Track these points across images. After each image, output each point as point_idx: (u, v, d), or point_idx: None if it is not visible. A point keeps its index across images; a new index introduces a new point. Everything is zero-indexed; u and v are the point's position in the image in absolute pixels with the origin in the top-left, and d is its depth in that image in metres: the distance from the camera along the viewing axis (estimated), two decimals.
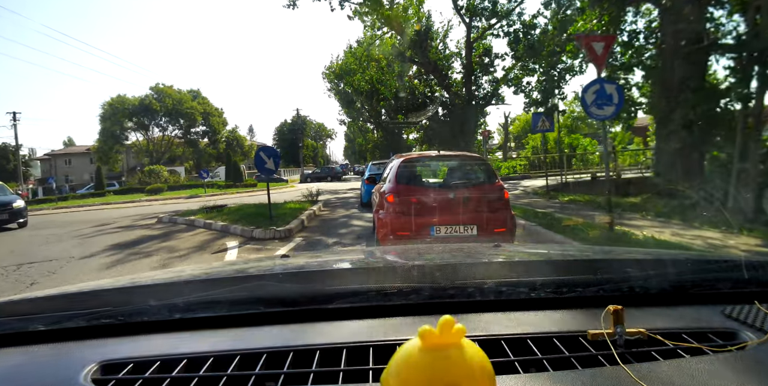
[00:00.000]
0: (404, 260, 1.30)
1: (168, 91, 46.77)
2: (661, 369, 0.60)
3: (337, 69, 36.39)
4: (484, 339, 0.69)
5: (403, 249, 1.68)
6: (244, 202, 13.98)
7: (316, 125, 74.78)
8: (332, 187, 24.63)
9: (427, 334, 0.44)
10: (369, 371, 0.63)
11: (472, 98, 21.30)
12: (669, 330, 0.70)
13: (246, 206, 11.98)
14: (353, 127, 53.47)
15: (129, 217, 13.40)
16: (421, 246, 2.11)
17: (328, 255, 1.79)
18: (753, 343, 0.66)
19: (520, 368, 0.62)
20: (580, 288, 0.83)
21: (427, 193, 4.53)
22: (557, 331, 0.72)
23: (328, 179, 38.08)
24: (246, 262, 1.92)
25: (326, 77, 48.34)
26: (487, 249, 1.39)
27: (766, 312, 0.76)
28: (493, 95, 21.59)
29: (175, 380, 0.64)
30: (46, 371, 0.68)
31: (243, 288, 0.91)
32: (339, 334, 0.74)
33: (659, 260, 1.14)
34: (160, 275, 1.20)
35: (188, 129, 49.52)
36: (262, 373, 0.64)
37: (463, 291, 0.83)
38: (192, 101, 48.12)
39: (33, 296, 0.96)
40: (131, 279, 1.17)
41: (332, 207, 12.64)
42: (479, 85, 21.69)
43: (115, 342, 0.76)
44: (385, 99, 24.38)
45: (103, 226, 11.23)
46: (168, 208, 15.79)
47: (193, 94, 49.98)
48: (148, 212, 14.67)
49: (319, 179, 38.08)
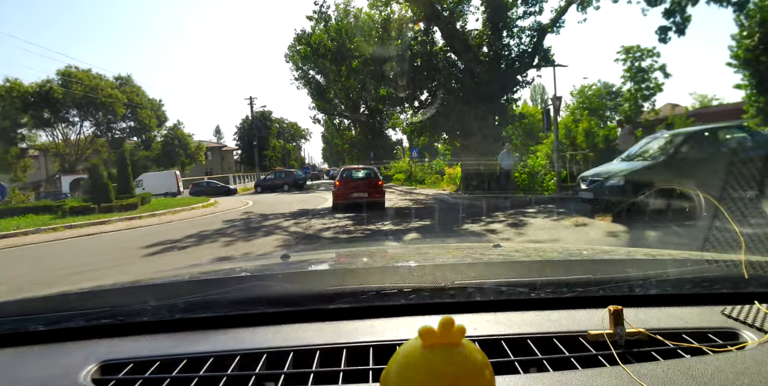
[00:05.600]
0: (404, 260, 1.29)
1: (80, 75, 36.26)
2: (661, 369, 0.59)
3: (303, 49, 26.76)
4: (484, 339, 0.69)
5: (403, 249, 1.68)
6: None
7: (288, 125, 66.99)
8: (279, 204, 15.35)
9: (427, 334, 0.44)
10: (369, 371, 0.63)
11: (500, 58, 12.26)
12: (669, 330, 0.70)
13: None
14: (329, 126, 46.16)
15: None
16: (421, 246, 2.12)
17: (328, 255, 1.81)
18: (753, 343, 0.66)
19: (520, 368, 0.62)
20: (580, 288, 0.83)
21: (350, 181, 12.15)
22: (557, 331, 0.71)
23: (285, 187, 28.40)
24: (246, 262, 1.92)
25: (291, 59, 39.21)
26: (487, 249, 1.39)
27: (766, 311, 0.76)
28: (535, 52, 12.55)
29: (175, 380, 0.63)
30: (46, 371, 0.68)
31: (243, 288, 0.92)
32: (339, 334, 0.74)
33: (659, 260, 1.12)
34: (160, 275, 1.24)
35: (109, 125, 39.13)
36: (262, 373, 0.63)
37: (463, 291, 0.83)
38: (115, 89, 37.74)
39: (33, 296, 0.99)
40: (131, 279, 1.19)
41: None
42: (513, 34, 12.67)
43: (115, 342, 0.76)
44: (367, 69, 14.87)
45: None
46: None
47: (120, 82, 39.69)
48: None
49: (274, 187, 28.49)
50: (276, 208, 14.02)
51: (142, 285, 1.08)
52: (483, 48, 13.39)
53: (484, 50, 13.36)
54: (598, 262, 1.15)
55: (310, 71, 40.40)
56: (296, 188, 28.94)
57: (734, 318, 0.75)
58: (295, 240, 7.31)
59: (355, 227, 8.44)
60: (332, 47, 17.59)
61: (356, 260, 1.40)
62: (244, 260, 2.97)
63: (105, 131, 39.49)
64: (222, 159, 57.74)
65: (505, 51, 13.20)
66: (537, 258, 1.26)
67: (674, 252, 1.28)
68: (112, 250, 7.52)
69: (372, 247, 2.11)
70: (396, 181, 26.72)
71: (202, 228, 9.60)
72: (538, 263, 1.17)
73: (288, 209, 13.10)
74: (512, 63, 13.02)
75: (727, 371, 0.59)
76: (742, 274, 0.85)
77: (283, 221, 10.10)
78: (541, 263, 1.16)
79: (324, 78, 35.99)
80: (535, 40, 13.01)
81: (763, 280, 0.87)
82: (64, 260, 6.86)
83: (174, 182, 30.43)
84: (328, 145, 64.73)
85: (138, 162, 42.50)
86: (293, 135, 67.26)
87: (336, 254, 1.71)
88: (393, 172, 28.79)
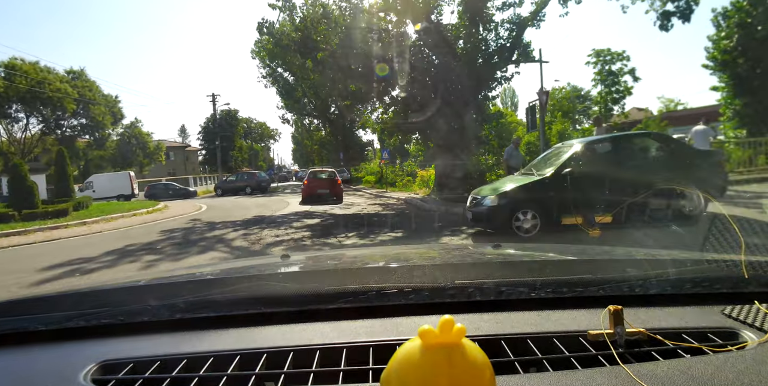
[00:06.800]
0: (405, 260, 1.28)
1: (25, 68, 33.33)
2: (661, 369, 0.59)
3: (266, 39, 25.18)
4: (484, 339, 0.69)
5: (403, 249, 1.66)
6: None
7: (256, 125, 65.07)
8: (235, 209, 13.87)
9: (427, 334, 0.44)
10: (369, 371, 0.63)
11: (477, 52, 11.41)
12: (669, 330, 0.70)
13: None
14: (299, 126, 44.88)
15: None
16: (421, 246, 2.12)
17: (328, 255, 1.77)
18: (753, 343, 0.66)
19: (520, 368, 0.62)
20: (580, 288, 0.83)
21: (315, 180, 16.30)
22: (557, 331, 0.71)
23: (248, 190, 26.63)
24: (246, 262, 1.92)
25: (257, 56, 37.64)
26: (487, 249, 1.38)
27: (766, 311, 0.76)
28: (514, 47, 11.69)
29: (175, 380, 0.63)
30: (46, 371, 0.68)
31: (243, 288, 0.92)
32: (339, 334, 0.74)
33: (659, 260, 1.12)
34: (160, 275, 1.23)
35: (58, 122, 36.24)
36: (262, 373, 0.63)
37: (463, 290, 0.83)
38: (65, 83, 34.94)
39: (33, 296, 0.98)
40: (131, 279, 1.21)
41: None
42: (489, 29, 11.76)
43: (115, 342, 0.76)
44: (332, 63, 13.39)
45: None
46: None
47: (72, 76, 36.91)
48: None
49: (236, 190, 26.70)
50: (230, 214, 12.61)
51: (142, 285, 1.07)
52: (459, 42, 12.38)
53: (460, 44, 12.35)
54: (598, 262, 1.15)
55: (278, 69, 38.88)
56: (260, 190, 27.07)
57: (734, 317, 0.75)
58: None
59: (312, 240, 7.20)
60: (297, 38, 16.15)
61: (356, 260, 1.39)
62: (244, 260, 2.97)
63: (54, 128, 36.63)
64: (186, 160, 55.12)
65: (482, 45, 12.26)
66: (537, 258, 1.25)
67: (674, 252, 1.27)
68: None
69: (372, 248, 1.98)
70: (366, 183, 25.55)
71: (130, 241, 8.12)
72: (538, 263, 1.17)
73: (243, 216, 11.70)
74: (490, 58, 12.11)
75: (727, 371, 0.59)
76: (742, 274, 0.85)
77: (230, 232, 8.72)
78: (541, 263, 1.15)
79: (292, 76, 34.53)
80: (515, 34, 12.13)
81: (763, 280, 0.87)
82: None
83: (128, 183, 28.18)
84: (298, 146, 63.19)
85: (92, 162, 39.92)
86: (261, 135, 65.17)
87: (336, 255, 1.69)
88: (363, 174, 27.61)
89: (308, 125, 44.41)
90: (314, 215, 11.35)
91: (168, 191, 28.71)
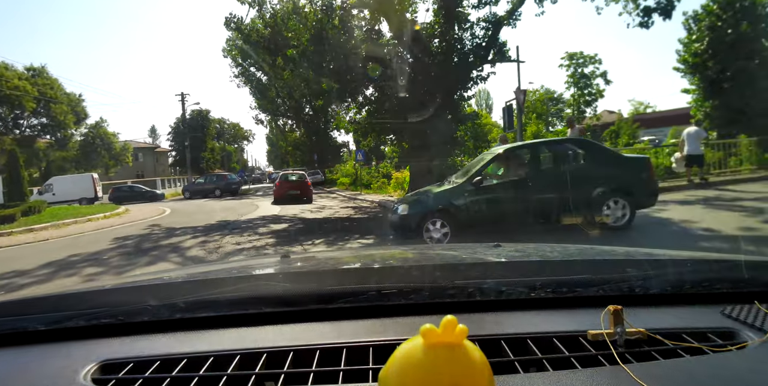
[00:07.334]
0: (405, 260, 1.28)
1: None
2: (661, 369, 0.59)
3: (235, 35, 24.39)
4: (484, 339, 0.68)
5: (402, 249, 1.63)
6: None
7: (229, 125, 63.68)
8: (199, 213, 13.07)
9: (429, 333, 0.44)
10: (369, 371, 0.62)
11: (453, 51, 11.16)
12: (669, 330, 0.70)
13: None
14: (273, 127, 44.14)
15: None
16: (420, 246, 2.08)
17: (328, 256, 1.77)
18: (753, 343, 0.66)
19: (520, 368, 0.61)
20: (580, 288, 0.82)
21: (286, 182, 17.67)
22: (557, 331, 0.71)
23: (217, 192, 25.69)
24: (246, 262, 1.88)
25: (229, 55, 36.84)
26: (487, 249, 1.38)
27: (766, 311, 0.76)
28: (490, 46, 11.47)
29: (175, 380, 0.63)
30: (46, 371, 0.67)
31: (243, 288, 0.91)
32: (339, 334, 0.73)
33: (659, 261, 1.11)
34: (160, 275, 1.22)
35: (17, 121, 34.36)
36: (262, 373, 0.63)
37: (463, 290, 0.82)
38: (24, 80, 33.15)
39: (33, 296, 0.97)
40: (131, 279, 1.22)
41: None
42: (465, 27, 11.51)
43: (115, 342, 0.75)
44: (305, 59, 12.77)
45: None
46: None
47: (32, 73, 35.10)
48: None
49: (205, 192, 25.74)
50: (193, 218, 11.92)
51: (142, 285, 1.06)
52: (434, 41, 12.04)
53: (435, 43, 12.01)
54: (598, 262, 1.15)
55: (250, 68, 37.94)
56: (230, 193, 26.25)
57: (734, 318, 0.75)
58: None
59: (275, 248, 6.66)
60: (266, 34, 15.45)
61: (356, 260, 1.39)
62: (244, 260, 2.84)
63: (12, 127, 34.76)
64: (156, 161, 53.39)
65: (458, 44, 11.95)
66: (537, 258, 1.25)
67: (674, 252, 1.27)
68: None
69: (371, 248, 1.85)
70: (341, 185, 25.05)
71: (76, 251, 7.44)
72: (538, 263, 1.16)
73: (206, 221, 11.04)
74: (466, 57, 11.78)
75: (727, 371, 0.59)
76: (742, 274, 0.86)
77: (188, 239, 8.10)
78: (541, 264, 1.15)
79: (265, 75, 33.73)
80: (490, 33, 11.84)
81: (763, 280, 0.87)
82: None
83: (91, 186, 26.78)
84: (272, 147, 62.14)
85: (54, 163, 38.14)
86: (235, 136, 63.76)
87: (336, 255, 1.70)
88: (339, 175, 27.06)
89: (283, 125, 43.52)
90: (282, 219, 10.81)
91: (134, 194, 27.52)
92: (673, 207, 7.52)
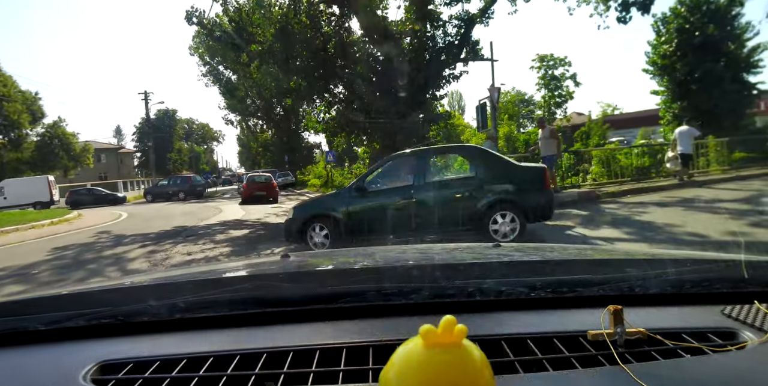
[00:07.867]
0: (404, 260, 1.27)
1: None
2: (661, 369, 0.59)
3: (198, 31, 23.36)
4: (484, 339, 0.68)
5: (402, 249, 1.62)
6: None
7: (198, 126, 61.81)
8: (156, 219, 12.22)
9: (429, 333, 0.45)
10: (369, 371, 0.62)
11: (425, 49, 10.83)
12: (669, 330, 0.69)
13: None
14: (243, 128, 43.00)
15: None
16: (420, 246, 2.11)
17: (328, 255, 1.79)
18: (753, 343, 0.66)
19: (520, 368, 0.61)
20: (580, 288, 0.82)
21: (253, 183, 18.70)
22: (557, 331, 0.71)
23: (181, 195, 24.62)
24: (246, 262, 1.92)
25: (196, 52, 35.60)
26: (487, 249, 1.37)
27: (766, 311, 0.75)
28: (463, 44, 11.17)
29: (174, 380, 0.63)
30: (45, 371, 0.67)
31: (243, 288, 0.91)
32: (339, 334, 0.73)
33: (659, 260, 1.11)
34: (160, 275, 1.20)
35: None
36: (262, 373, 0.63)
37: (463, 290, 0.82)
38: None
39: (33, 296, 0.97)
40: (131, 279, 1.20)
41: None
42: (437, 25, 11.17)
43: (115, 342, 0.75)
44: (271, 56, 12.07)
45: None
46: None
47: None
48: None
49: (168, 195, 24.65)
50: (149, 224, 11.14)
51: (142, 285, 1.06)
52: (406, 38, 11.63)
53: (406, 41, 11.60)
54: (598, 262, 1.14)
55: (218, 66, 36.69)
56: (194, 196, 25.21)
57: (734, 317, 0.75)
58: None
59: (229, 258, 6.04)
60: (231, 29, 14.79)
61: (356, 260, 1.38)
62: (244, 260, 2.88)
63: None
64: (120, 162, 51.32)
65: (429, 42, 11.59)
66: (537, 258, 1.25)
67: (674, 252, 1.26)
68: None
69: (371, 248, 1.79)
70: (312, 187, 24.35)
71: (6, 263, 6.60)
72: (538, 263, 1.16)
73: (161, 227, 10.28)
74: (438, 55, 11.46)
75: (727, 371, 0.59)
76: (742, 274, 0.85)
77: (135, 249, 7.38)
78: (541, 264, 1.15)
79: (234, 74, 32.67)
80: (463, 30, 11.53)
81: (763, 280, 0.87)
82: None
83: (46, 189, 25.35)
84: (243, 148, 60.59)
85: (8, 165, 36.10)
86: (204, 137, 62.00)
87: (336, 255, 1.68)
88: (310, 177, 26.36)
89: (253, 126, 42.39)
90: (244, 224, 10.19)
91: (93, 197, 26.13)
92: (653, 209, 7.31)
